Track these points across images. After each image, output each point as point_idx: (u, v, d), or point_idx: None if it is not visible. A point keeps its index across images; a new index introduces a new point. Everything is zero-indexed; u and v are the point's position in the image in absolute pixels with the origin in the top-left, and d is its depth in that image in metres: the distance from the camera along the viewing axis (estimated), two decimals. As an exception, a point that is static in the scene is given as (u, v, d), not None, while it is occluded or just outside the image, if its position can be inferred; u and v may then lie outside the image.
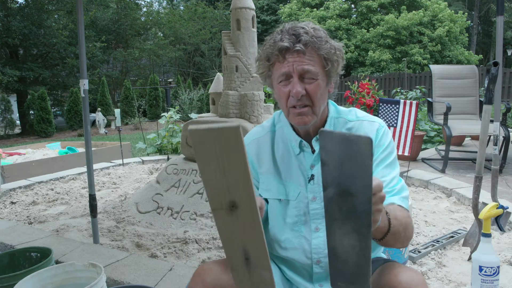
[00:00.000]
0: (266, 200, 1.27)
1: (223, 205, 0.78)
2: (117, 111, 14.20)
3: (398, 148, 3.55)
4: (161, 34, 21.74)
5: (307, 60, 1.10)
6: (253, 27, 3.29)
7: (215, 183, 0.77)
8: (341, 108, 1.28)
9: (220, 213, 0.79)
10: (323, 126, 1.22)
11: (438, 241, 2.47)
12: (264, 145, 1.28)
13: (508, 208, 2.41)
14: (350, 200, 0.74)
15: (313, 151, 1.22)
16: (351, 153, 0.72)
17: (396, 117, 4.10)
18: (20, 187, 4.05)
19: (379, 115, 4.29)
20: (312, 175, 1.21)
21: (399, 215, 1.06)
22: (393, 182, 1.18)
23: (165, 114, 6.40)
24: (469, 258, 2.23)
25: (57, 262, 2.17)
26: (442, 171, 4.28)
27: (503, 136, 4.21)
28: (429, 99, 5.04)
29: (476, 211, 2.22)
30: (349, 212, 0.75)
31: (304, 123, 1.15)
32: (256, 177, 1.28)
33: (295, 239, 1.23)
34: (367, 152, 0.71)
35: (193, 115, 5.32)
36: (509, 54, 19.73)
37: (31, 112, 13.60)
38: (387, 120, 4.22)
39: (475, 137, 6.19)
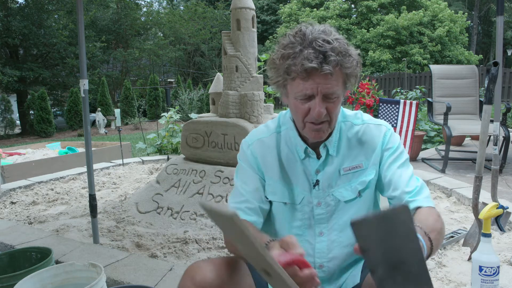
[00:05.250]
0: (270, 202, 1.26)
1: (261, 270, 0.82)
2: (117, 111, 14.19)
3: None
4: (161, 34, 21.76)
5: (334, 81, 1.05)
6: (253, 27, 3.29)
7: (245, 251, 0.81)
8: (346, 111, 1.27)
9: (262, 274, 0.83)
10: (331, 131, 1.20)
11: (438, 241, 2.47)
12: (269, 147, 1.25)
13: (508, 208, 2.41)
14: (404, 267, 0.74)
15: (319, 157, 1.21)
16: (392, 228, 0.72)
17: (396, 117, 4.10)
18: (20, 187, 4.05)
19: (379, 115, 4.29)
20: (317, 181, 1.20)
21: (432, 224, 1.03)
22: (412, 180, 1.18)
23: (165, 114, 6.40)
24: (469, 258, 2.23)
25: (57, 262, 2.17)
26: (442, 171, 4.28)
27: (503, 136, 4.21)
28: (429, 99, 5.04)
29: (476, 211, 2.22)
30: (406, 278, 0.75)
31: (320, 138, 1.14)
32: (263, 177, 1.25)
33: (299, 243, 1.23)
34: (407, 219, 0.72)
35: (193, 115, 5.32)
36: (509, 54, 19.74)
37: (31, 112, 13.61)
38: (387, 120, 4.22)
39: (475, 137, 6.19)
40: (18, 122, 14.71)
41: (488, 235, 1.57)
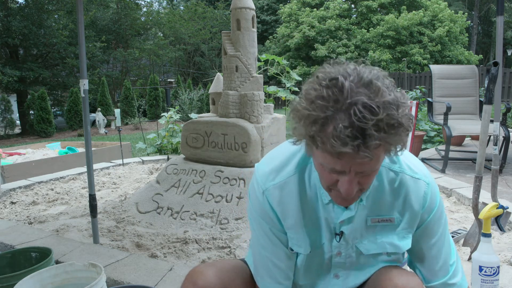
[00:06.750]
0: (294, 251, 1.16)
1: None
2: (117, 111, 14.21)
3: (398, 148, 3.55)
4: (161, 34, 21.78)
5: (373, 162, 0.85)
6: (253, 27, 3.29)
7: None
8: None
9: None
10: None
11: (438, 241, 2.46)
12: (290, 192, 1.07)
13: (508, 208, 2.41)
14: None
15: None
16: None
17: (396, 117, 4.09)
18: (20, 187, 4.05)
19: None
20: (342, 232, 1.08)
21: None
22: (450, 253, 1.15)
23: (165, 114, 6.40)
24: (469, 258, 2.23)
25: (57, 262, 2.17)
26: (442, 171, 4.28)
27: (503, 136, 4.21)
28: (429, 99, 5.04)
29: (476, 211, 2.22)
30: None
31: (347, 205, 1.00)
32: (281, 229, 1.11)
33: (312, 286, 1.19)
34: None
35: (193, 115, 5.32)
36: (509, 54, 19.75)
37: (31, 112, 13.62)
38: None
39: (475, 137, 6.20)
40: (18, 122, 14.73)
41: (488, 235, 1.57)
